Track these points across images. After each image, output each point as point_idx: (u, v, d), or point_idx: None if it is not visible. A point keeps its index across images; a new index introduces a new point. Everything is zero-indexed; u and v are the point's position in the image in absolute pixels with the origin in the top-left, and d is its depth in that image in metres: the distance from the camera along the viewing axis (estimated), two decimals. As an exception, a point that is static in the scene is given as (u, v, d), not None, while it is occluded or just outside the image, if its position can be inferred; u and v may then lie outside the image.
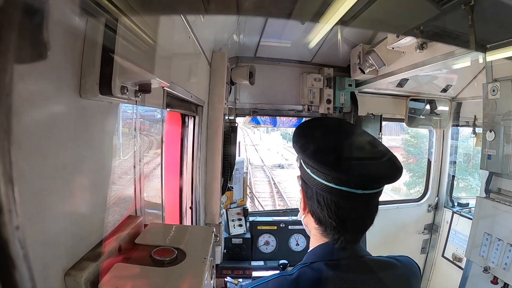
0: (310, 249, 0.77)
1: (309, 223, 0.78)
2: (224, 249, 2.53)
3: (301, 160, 0.74)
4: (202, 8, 0.93)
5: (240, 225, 2.74)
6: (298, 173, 0.80)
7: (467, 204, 3.03)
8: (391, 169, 0.70)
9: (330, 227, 0.70)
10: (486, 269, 1.88)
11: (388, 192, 6.32)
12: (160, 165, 1.11)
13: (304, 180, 0.73)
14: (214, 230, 0.92)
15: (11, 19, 0.19)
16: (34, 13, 0.22)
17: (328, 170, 0.66)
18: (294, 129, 0.80)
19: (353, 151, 0.73)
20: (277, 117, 3.14)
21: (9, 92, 0.19)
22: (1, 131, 0.17)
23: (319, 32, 2.01)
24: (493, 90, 1.89)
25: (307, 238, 2.80)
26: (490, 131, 1.92)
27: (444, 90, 2.93)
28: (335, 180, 0.65)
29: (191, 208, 1.88)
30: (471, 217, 2.46)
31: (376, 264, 0.73)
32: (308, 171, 0.70)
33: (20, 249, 0.17)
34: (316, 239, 0.76)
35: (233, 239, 2.66)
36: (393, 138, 10.80)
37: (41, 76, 0.46)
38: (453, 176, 3.16)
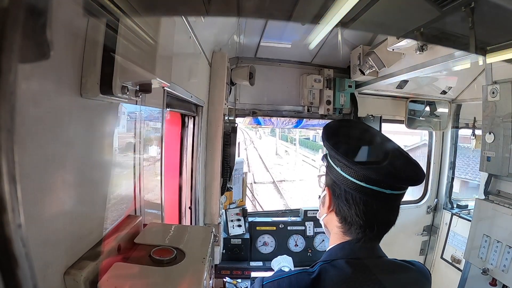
0: (330, 247, 0.79)
1: (330, 222, 0.79)
2: (223, 250, 2.53)
3: (330, 158, 0.76)
4: (203, 10, 0.93)
5: (239, 226, 2.74)
6: (319, 173, 0.83)
7: (466, 206, 3.04)
8: (417, 172, 0.73)
9: (356, 225, 0.72)
10: (484, 271, 1.88)
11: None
12: (160, 165, 1.11)
13: (332, 179, 0.75)
14: (213, 230, 0.92)
15: (15, 19, 0.20)
16: (38, 13, 0.22)
17: (360, 168, 0.68)
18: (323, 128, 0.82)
19: (384, 152, 0.75)
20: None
21: (13, 91, 0.19)
22: (4, 130, 0.17)
23: (319, 33, 2.02)
24: (493, 92, 1.90)
25: (306, 239, 2.82)
26: (490, 133, 1.92)
27: (444, 92, 2.94)
28: (366, 179, 0.68)
29: (190, 208, 1.88)
30: (470, 218, 2.47)
31: (395, 266, 0.76)
32: (338, 169, 0.72)
33: (22, 247, 0.17)
34: (338, 237, 0.77)
35: (232, 239, 2.66)
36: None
37: (43, 76, 0.46)
38: (453, 178, 3.16)
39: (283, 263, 1.99)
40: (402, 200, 0.76)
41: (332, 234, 0.80)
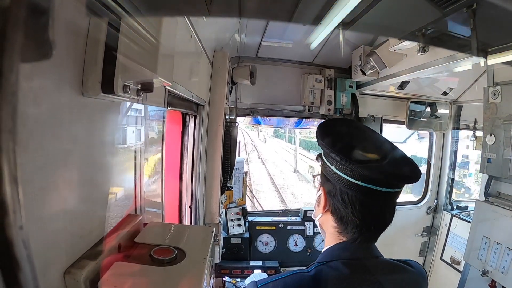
0: (325, 247, 0.78)
1: (326, 222, 0.78)
2: (222, 249, 2.53)
3: (325, 157, 0.75)
4: (204, 10, 0.93)
5: (239, 225, 2.74)
6: (315, 173, 0.82)
7: (466, 207, 3.03)
8: (413, 170, 0.72)
9: (352, 225, 0.72)
10: (484, 273, 1.88)
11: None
12: (160, 164, 1.11)
13: (327, 178, 0.74)
14: (214, 230, 0.92)
15: (17, 19, 0.19)
16: (40, 12, 0.22)
17: (356, 167, 0.67)
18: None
19: (379, 150, 0.74)
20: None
21: (14, 92, 0.19)
22: (6, 131, 0.17)
23: (320, 34, 2.01)
24: (494, 94, 1.89)
25: (306, 238, 2.82)
26: (490, 135, 1.92)
27: (445, 93, 2.93)
28: (362, 177, 0.67)
29: (190, 207, 1.88)
30: (470, 220, 2.46)
31: (392, 266, 0.75)
32: (333, 168, 0.71)
33: (24, 249, 0.17)
34: (334, 238, 0.76)
35: (231, 238, 2.67)
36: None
37: (44, 75, 0.46)
38: (453, 179, 3.16)
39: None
40: (402, 201, 0.75)
41: (327, 235, 0.79)
